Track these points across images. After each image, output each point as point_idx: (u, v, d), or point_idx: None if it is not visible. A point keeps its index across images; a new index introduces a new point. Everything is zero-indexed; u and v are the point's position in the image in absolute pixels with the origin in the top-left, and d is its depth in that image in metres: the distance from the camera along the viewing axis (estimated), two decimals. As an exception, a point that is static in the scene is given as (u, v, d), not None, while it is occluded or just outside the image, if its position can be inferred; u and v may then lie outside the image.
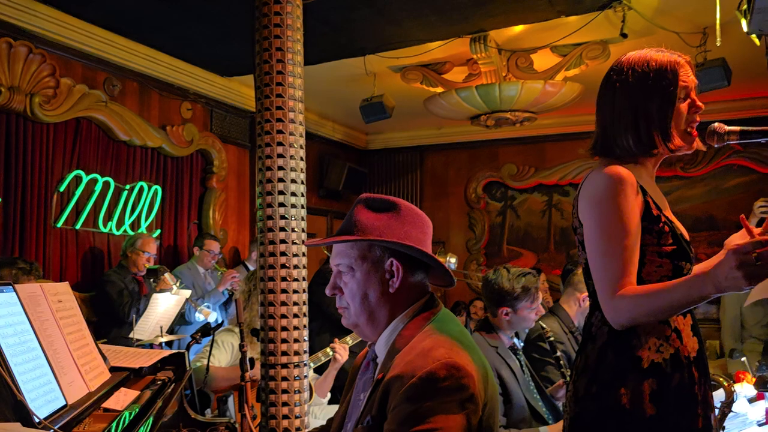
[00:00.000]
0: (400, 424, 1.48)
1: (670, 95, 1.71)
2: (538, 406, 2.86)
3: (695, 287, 1.47)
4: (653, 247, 1.67)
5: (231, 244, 6.75)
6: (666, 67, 1.72)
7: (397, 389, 1.52)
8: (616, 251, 1.61)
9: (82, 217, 5.14)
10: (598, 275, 1.66)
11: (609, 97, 1.78)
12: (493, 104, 5.59)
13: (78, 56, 5.07)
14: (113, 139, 5.42)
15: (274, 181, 3.01)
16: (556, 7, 4.77)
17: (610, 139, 1.76)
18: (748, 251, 1.36)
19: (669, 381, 1.62)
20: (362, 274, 1.66)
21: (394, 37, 5.33)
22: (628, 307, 1.57)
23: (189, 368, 2.64)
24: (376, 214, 1.70)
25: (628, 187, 1.64)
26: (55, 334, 1.86)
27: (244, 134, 6.94)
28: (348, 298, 1.68)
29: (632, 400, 1.61)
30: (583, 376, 1.71)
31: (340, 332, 4.07)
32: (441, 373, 1.49)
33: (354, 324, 1.72)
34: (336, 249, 1.72)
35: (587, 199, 1.71)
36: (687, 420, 1.62)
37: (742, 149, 7.33)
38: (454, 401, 1.49)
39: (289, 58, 3.06)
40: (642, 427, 1.60)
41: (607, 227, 1.64)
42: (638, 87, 1.72)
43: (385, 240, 1.64)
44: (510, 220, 8.54)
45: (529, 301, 2.90)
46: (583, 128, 7.52)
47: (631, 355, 1.64)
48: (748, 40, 4.12)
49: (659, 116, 1.71)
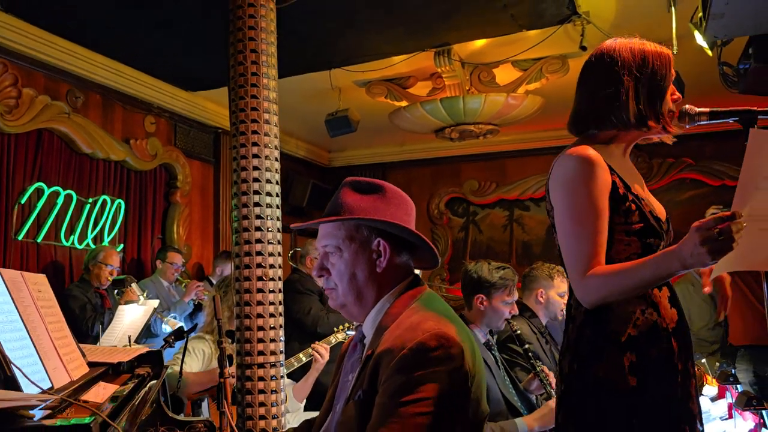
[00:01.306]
0: (392, 395, 1.50)
1: (665, 78, 1.79)
2: (514, 400, 2.90)
3: (662, 265, 1.55)
4: (621, 225, 1.73)
5: (195, 259, 6.68)
6: (662, 53, 1.81)
7: (388, 362, 1.53)
8: (585, 232, 1.67)
9: (43, 230, 5.03)
10: (568, 256, 1.71)
11: (604, 74, 1.81)
12: (458, 117, 5.70)
13: (40, 67, 5.01)
14: (76, 151, 5.35)
15: (250, 181, 3.02)
16: (517, 21, 4.91)
17: (600, 113, 1.80)
18: (711, 227, 1.44)
19: (647, 353, 1.67)
20: (350, 255, 1.69)
21: (361, 50, 5.41)
22: (598, 286, 1.63)
23: (165, 366, 2.60)
24: (362, 196, 1.73)
25: (596, 169, 1.70)
26: (37, 320, 1.84)
27: (208, 150, 6.91)
28: (336, 278, 1.70)
29: (613, 373, 1.65)
30: (566, 355, 1.76)
31: (307, 340, 4.06)
32: (431, 343, 1.51)
33: (342, 304, 1.73)
34: (323, 230, 1.74)
35: (557, 182, 1.77)
36: (667, 390, 1.67)
37: (694, 163, 7.61)
38: (444, 371, 1.51)
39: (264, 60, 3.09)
40: (624, 398, 1.65)
41: (576, 209, 1.70)
42: (638, 66, 1.78)
43: (372, 219, 1.67)
44: (472, 235, 8.64)
45: (505, 292, 2.96)
46: (542, 144, 7.73)
47: (608, 331, 1.69)
48: (700, 54, 4.31)
49: (656, 95, 1.78)
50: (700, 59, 4.61)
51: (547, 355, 3.55)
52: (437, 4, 4.66)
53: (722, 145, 7.35)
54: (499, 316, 3.00)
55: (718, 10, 2.93)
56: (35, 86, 4.95)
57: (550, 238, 8.09)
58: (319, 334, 4.20)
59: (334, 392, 1.84)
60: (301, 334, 4.49)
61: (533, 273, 3.82)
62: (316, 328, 4.37)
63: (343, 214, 1.69)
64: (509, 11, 4.74)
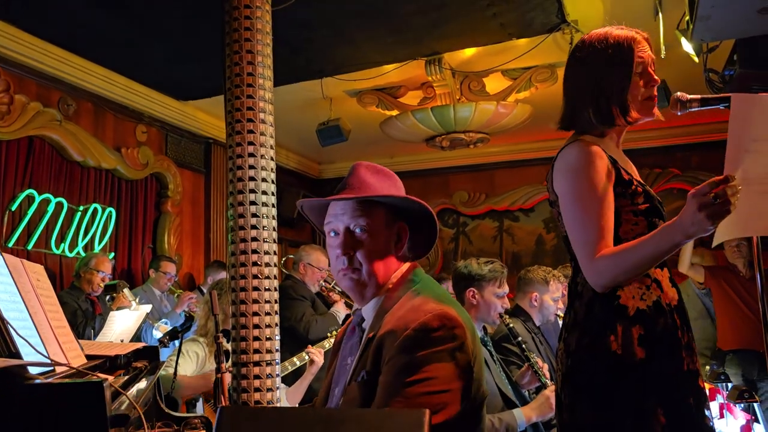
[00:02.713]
0: (396, 374, 1.50)
1: (627, 69, 1.83)
2: (510, 393, 2.91)
3: (665, 237, 1.60)
4: (628, 207, 1.78)
5: (186, 269, 6.66)
6: (623, 42, 1.85)
7: (391, 343, 1.54)
8: (592, 216, 1.71)
9: (33, 237, 5.01)
10: (577, 241, 1.75)
11: (572, 73, 1.91)
12: (448, 125, 5.76)
13: (32, 74, 5.02)
14: (67, 159, 5.34)
15: (245, 180, 3.04)
16: (507, 30, 4.99)
17: (574, 116, 1.88)
18: (706, 192, 1.49)
19: (654, 325, 1.70)
20: (381, 236, 1.68)
21: (352, 60, 5.46)
22: (609, 266, 1.67)
23: (161, 362, 2.60)
24: (380, 178, 1.74)
25: (598, 159, 1.75)
26: (37, 306, 1.83)
27: (199, 160, 6.92)
28: (362, 258, 1.66)
29: (622, 345, 1.68)
30: (573, 331, 1.78)
31: (298, 347, 4.04)
32: (434, 323, 1.53)
33: (360, 285, 1.68)
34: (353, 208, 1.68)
35: (562, 171, 1.81)
36: (674, 362, 1.70)
37: (680, 173, 7.71)
38: (447, 350, 1.52)
39: (260, 61, 3.12)
40: (633, 370, 1.67)
41: (582, 194, 1.74)
42: (597, 62, 1.84)
43: (410, 199, 1.69)
44: (463, 245, 8.68)
45: (496, 284, 2.98)
46: (531, 155, 7.81)
47: (616, 305, 1.72)
48: (687, 61, 4.40)
49: (616, 89, 1.82)
50: (686, 66, 4.69)
51: (542, 355, 3.56)
52: (428, 13, 4.72)
53: (708, 156, 7.47)
54: (492, 309, 3.02)
55: (704, 12, 3.00)
56: (27, 93, 4.95)
57: (539, 248, 8.24)
58: (311, 341, 4.19)
59: (332, 377, 1.83)
60: (293, 341, 4.48)
61: (528, 276, 3.84)
62: (307, 334, 4.36)
63: (371, 193, 1.68)
64: (499, 20, 4.81)
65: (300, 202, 1.80)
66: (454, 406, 1.52)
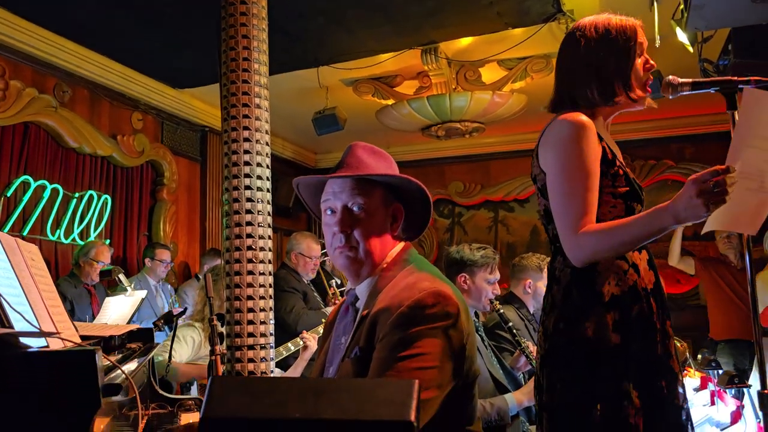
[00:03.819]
0: (390, 350, 1.52)
1: (630, 50, 1.85)
2: (502, 378, 2.93)
3: (656, 220, 1.60)
4: (609, 188, 1.77)
5: (181, 257, 6.66)
6: (625, 24, 1.87)
7: (385, 320, 1.55)
8: (579, 191, 1.71)
9: (29, 223, 5.02)
10: (561, 214, 1.74)
11: (572, 53, 1.89)
12: (444, 115, 5.76)
13: (28, 60, 5.01)
14: (63, 145, 5.34)
15: (240, 165, 3.05)
16: (503, 19, 5.00)
17: (573, 92, 1.87)
18: (707, 179, 1.50)
19: (629, 311, 1.71)
20: (377, 215, 1.69)
21: (348, 48, 5.46)
22: (592, 242, 1.67)
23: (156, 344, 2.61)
24: (377, 159, 1.76)
25: (588, 132, 1.74)
26: (31, 285, 1.84)
27: (194, 148, 6.92)
28: (359, 236, 1.67)
29: (597, 331, 1.69)
30: (551, 315, 1.80)
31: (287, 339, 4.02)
32: (428, 300, 1.54)
33: (356, 264, 1.69)
34: (346, 186, 1.69)
35: (550, 144, 1.80)
36: (648, 347, 1.72)
37: (675, 165, 7.74)
38: (441, 327, 1.54)
39: (255, 46, 3.13)
40: (608, 355, 1.69)
41: (570, 168, 1.73)
42: (601, 42, 1.85)
43: (408, 179, 1.70)
44: (458, 236, 8.70)
45: (487, 270, 3.00)
46: (526, 146, 7.79)
47: (593, 291, 1.73)
48: (682, 52, 4.41)
49: (620, 68, 1.83)
50: (681, 57, 4.70)
51: (535, 343, 3.59)
52: (424, 2, 4.72)
53: (702, 148, 7.49)
54: (483, 295, 3.03)
55: (699, 1, 3.01)
56: (22, 79, 4.95)
57: (534, 239, 8.26)
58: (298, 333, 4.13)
59: (326, 356, 1.85)
60: (283, 333, 4.45)
61: (522, 263, 3.86)
62: (296, 327, 4.29)
63: (369, 172, 1.69)
64: (495, 8, 4.82)
65: (297, 180, 1.81)
66: (446, 381, 1.54)
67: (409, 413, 0.91)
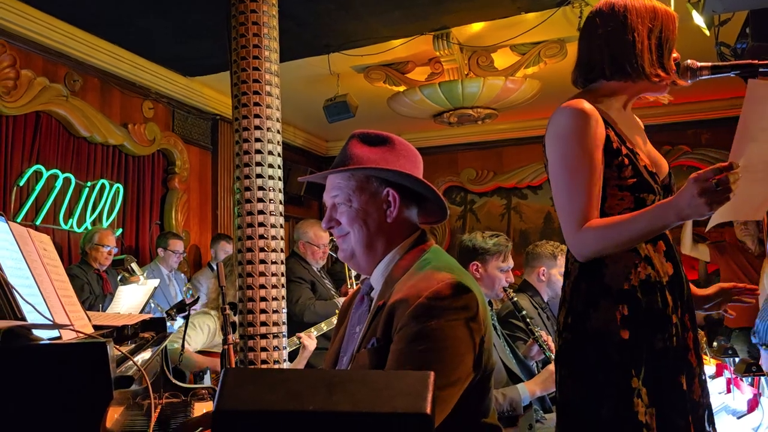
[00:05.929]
0: (408, 343, 1.49)
1: (672, 36, 1.79)
2: (515, 367, 2.91)
3: (658, 217, 1.56)
4: (614, 180, 1.72)
5: (193, 246, 6.68)
6: (670, 13, 1.81)
7: (404, 310, 1.52)
8: (580, 185, 1.67)
9: (42, 212, 5.03)
10: (563, 209, 1.70)
11: (619, 24, 1.78)
12: (456, 101, 5.71)
13: (39, 49, 5.00)
14: (74, 134, 5.34)
15: (252, 153, 3.03)
16: (516, 4, 4.93)
17: (616, 61, 1.77)
18: (709, 178, 1.45)
19: (639, 306, 1.67)
20: (360, 205, 1.68)
21: (359, 34, 5.42)
22: (594, 239, 1.64)
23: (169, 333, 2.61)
24: (371, 147, 1.72)
25: (590, 122, 1.68)
26: (43, 275, 1.83)
27: (206, 136, 6.91)
28: (347, 224, 1.69)
29: (606, 326, 1.66)
30: (562, 310, 1.77)
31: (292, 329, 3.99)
32: (447, 292, 1.51)
33: (351, 253, 1.72)
34: (331, 182, 1.72)
35: (551, 136, 1.75)
36: (661, 342, 1.67)
37: (690, 150, 7.65)
38: (460, 319, 1.51)
39: (265, 32, 3.10)
40: (617, 350, 1.64)
41: (570, 162, 1.69)
42: (651, 19, 1.76)
43: (382, 168, 1.66)
44: (470, 223, 8.66)
45: (500, 258, 2.97)
46: (539, 132, 7.67)
47: (601, 285, 1.69)
48: (699, 35, 4.34)
49: (655, 43, 1.76)
50: (698, 40, 4.63)
51: (549, 331, 3.56)
52: (436, -13, 4.67)
53: (718, 133, 7.40)
54: (497, 283, 3.00)
55: (716, -17, 2.95)
56: (33, 68, 4.94)
57: (547, 226, 8.21)
58: (305, 324, 4.08)
59: (340, 345, 1.83)
60: (289, 324, 4.40)
61: (536, 250, 3.83)
62: (302, 317, 4.22)
63: (352, 165, 1.68)
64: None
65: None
66: (465, 375, 1.52)
67: (425, 405, 0.89)
